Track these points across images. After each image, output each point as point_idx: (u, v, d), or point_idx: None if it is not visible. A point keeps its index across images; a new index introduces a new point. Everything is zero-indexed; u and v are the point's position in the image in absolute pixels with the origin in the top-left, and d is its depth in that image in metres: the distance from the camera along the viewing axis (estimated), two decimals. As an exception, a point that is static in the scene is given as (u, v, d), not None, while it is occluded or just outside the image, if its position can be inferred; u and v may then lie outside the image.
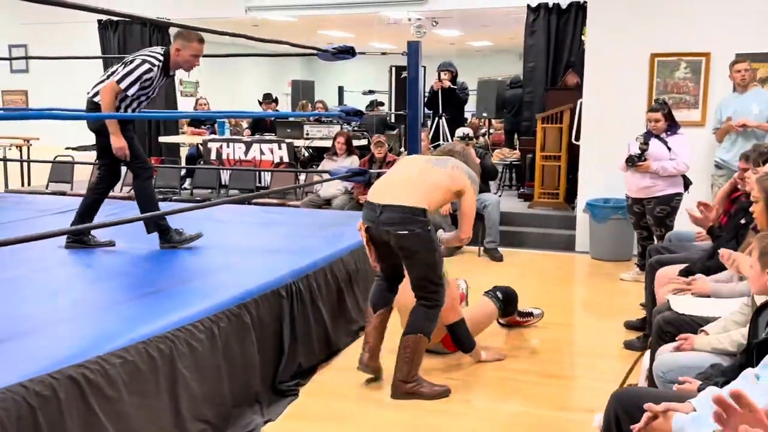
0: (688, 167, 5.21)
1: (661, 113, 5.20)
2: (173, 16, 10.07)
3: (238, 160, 8.47)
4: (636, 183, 5.28)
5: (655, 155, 5.19)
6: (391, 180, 3.55)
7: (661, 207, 5.19)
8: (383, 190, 3.47)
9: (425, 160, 3.67)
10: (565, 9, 8.41)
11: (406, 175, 3.51)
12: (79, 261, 3.90)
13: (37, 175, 8.91)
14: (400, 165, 3.78)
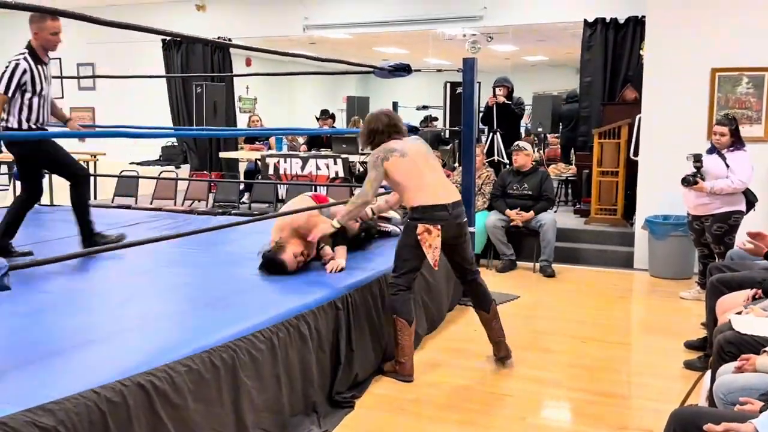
0: (745, 185, 5.10)
1: (728, 128, 5.11)
2: (234, 35, 10.43)
3: (294, 174, 8.62)
4: (693, 200, 5.24)
5: (712, 173, 5.12)
6: (437, 180, 3.90)
7: (719, 225, 5.11)
8: (440, 190, 3.84)
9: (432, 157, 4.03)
10: (623, 23, 8.33)
11: (439, 173, 3.97)
12: (144, 273, 4.05)
13: (103, 189, 9.24)
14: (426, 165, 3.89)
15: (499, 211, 6.75)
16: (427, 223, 3.72)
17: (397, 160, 3.77)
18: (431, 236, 3.73)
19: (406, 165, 3.78)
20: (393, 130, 3.90)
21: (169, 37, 10.63)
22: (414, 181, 3.78)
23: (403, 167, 3.77)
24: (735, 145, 5.12)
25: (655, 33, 6.57)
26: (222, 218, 6.49)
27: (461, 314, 5.15)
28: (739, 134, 5.20)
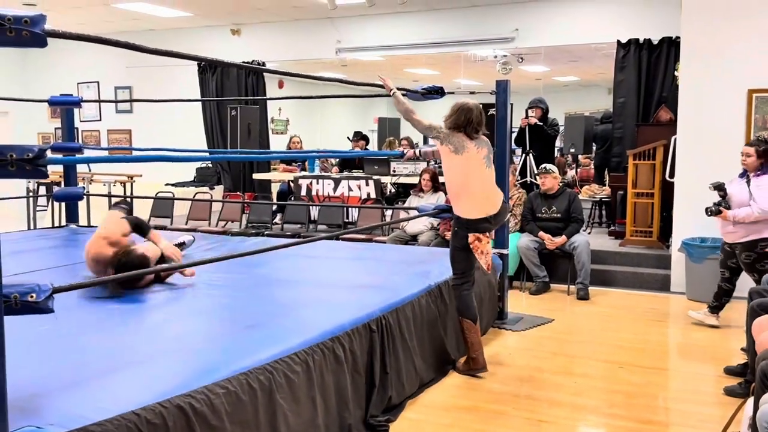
0: (766, 213, 4.84)
1: (754, 149, 4.94)
2: (267, 58, 10.59)
3: (327, 196, 8.68)
4: (722, 227, 5.15)
5: (736, 199, 4.99)
6: (482, 192, 4.20)
7: (747, 253, 4.96)
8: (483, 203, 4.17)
9: (487, 165, 4.23)
10: (657, 44, 8.29)
11: (487, 183, 4.24)
12: (181, 296, 4.09)
13: (139, 210, 9.40)
14: (476, 171, 4.18)
15: (531, 233, 6.71)
16: (474, 232, 4.13)
17: (447, 152, 4.14)
18: (482, 243, 4.15)
19: (457, 165, 4.14)
20: (470, 129, 4.18)
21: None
22: (463, 189, 4.15)
23: (452, 164, 4.15)
24: (763, 169, 4.93)
25: (690, 54, 6.52)
26: (256, 239, 6.55)
27: (495, 336, 5.11)
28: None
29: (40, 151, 2.21)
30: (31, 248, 5.24)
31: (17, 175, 2.16)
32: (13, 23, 2.11)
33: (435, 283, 4.41)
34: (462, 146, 4.14)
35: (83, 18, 10.43)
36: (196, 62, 10.86)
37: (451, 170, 4.18)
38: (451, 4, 9.39)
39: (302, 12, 9.93)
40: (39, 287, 2.19)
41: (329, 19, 10.09)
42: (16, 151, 2.14)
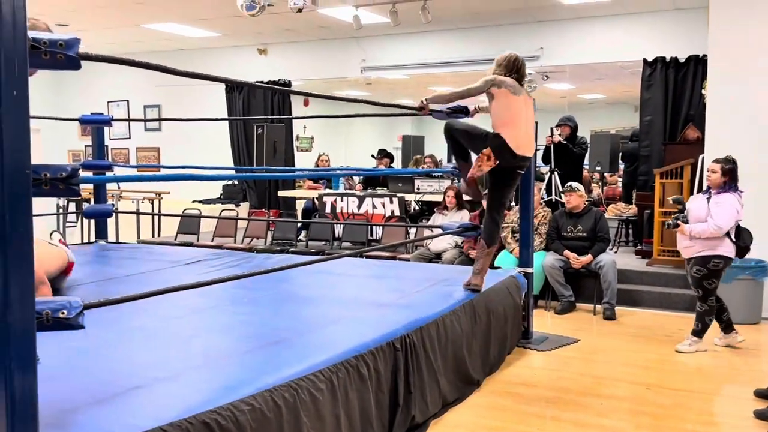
0: (721, 229, 4.93)
1: (720, 166, 5.01)
2: (293, 77, 10.71)
3: (351, 213, 8.72)
4: (680, 243, 5.21)
5: (694, 215, 5.07)
6: (528, 135, 4.49)
7: (698, 268, 5.05)
8: (525, 143, 4.43)
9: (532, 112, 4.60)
10: (684, 62, 8.24)
11: (530, 127, 4.56)
12: (207, 310, 4.14)
13: (167, 226, 9.53)
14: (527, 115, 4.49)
15: (556, 252, 6.67)
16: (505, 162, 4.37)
17: (507, 93, 4.32)
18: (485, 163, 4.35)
19: (514, 102, 4.35)
20: (520, 75, 4.47)
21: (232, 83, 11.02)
22: (512, 121, 4.35)
23: (510, 102, 4.34)
24: (726, 187, 4.99)
25: (717, 72, 6.48)
26: (281, 256, 6.60)
27: (520, 356, 5.08)
28: (735, 177, 5.04)
29: (73, 171, 2.26)
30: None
31: (51, 193, 2.21)
32: (48, 46, 2.17)
33: (459, 302, 4.40)
34: (518, 89, 4.40)
35: (114, 38, 10.65)
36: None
37: (508, 109, 4.34)
38: (476, 23, 9.43)
39: (328, 32, 10.04)
40: (70, 304, 2.22)
41: (354, 38, 10.19)
42: (50, 171, 2.19)
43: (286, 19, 8.87)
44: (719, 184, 5.01)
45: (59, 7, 8.51)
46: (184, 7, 8.68)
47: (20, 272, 1.91)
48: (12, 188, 1.88)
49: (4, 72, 1.86)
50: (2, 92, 1.86)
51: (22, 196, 1.91)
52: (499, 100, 4.35)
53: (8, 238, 1.87)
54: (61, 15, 8.99)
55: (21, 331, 1.95)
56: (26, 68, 1.95)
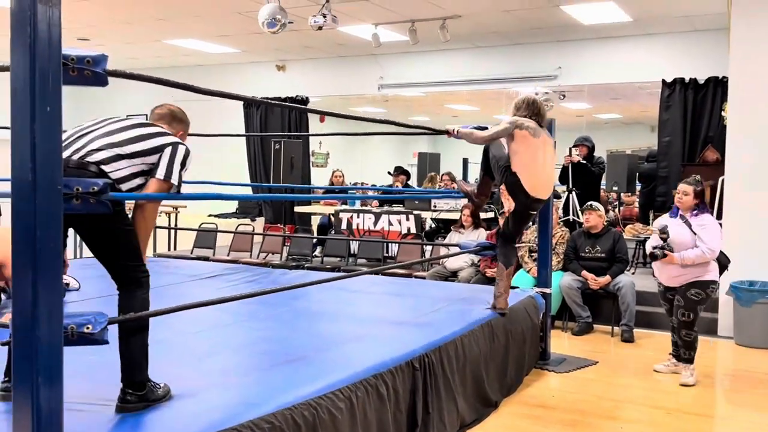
0: (716, 253, 4.79)
1: (693, 189, 4.84)
2: (311, 93, 10.78)
3: (367, 230, 8.72)
4: (667, 272, 4.94)
5: (678, 241, 4.80)
6: (549, 177, 4.60)
7: (697, 291, 4.82)
8: (546, 187, 4.55)
9: (553, 154, 4.65)
10: (703, 84, 8.21)
11: (552, 169, 4.66)
12: (224, 327, 4.13)
13: (183, 240, 9.56)
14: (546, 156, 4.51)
15: (574, 272, 6.62)
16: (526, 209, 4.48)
17: (527, 135, 4.35)
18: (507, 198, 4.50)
19: (533, 144, 4.38)
20: (540, 118, 4.54)
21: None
22: (530, 163, 4.39)
23: (528, 144, 4.36)
24: (699, 208, 4.85)
25: (738, 94, 6.44)
26: (297, 272, 6.61)
27: (538, 377, 5.03)
28: (704, 198, 4.96)
29: (104, 185, 2.28)
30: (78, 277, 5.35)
31: (82, 208, 2.23)
32: (76, 63, 2.18)
33: (477, 322, 4.37)
34: (538, 131, 4.44)
35: (135, 52, 10.77)
36: (241, 96, 11.12)
37: (527, 152, 4.37)
38: (494, 41, 9.46)
39: (346, 49, 10.10)
40: (95, 319, 2.23)
41: (372, 56, 10.25)
42: (83, 185, 2.21)
43: (306, 36, 8.95)
44: (691, 207, 4.84)
45: (81, 21, 8.63)
46: (205, 24, 8.77)
47: (49, 288, 1.92)
48: (44, 204, 1.89)
49: (39, 88, 1.88)
50: (36, 108, 1.88)
51: (54, 212, 1.93)
52: (518, 141, 4.38)
53: (38, 254, 1.88)
54: (83, 30, 9.12)
55: (48, 346, 1.95)
56: (60, 85, 1.97)
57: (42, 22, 1.90)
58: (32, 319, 1.91)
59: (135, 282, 2.88)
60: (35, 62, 1.88)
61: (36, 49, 1.88)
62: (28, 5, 1.88)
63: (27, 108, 1.87)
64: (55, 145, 1.92)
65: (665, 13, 7.74)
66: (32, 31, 1.87)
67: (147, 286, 2.91)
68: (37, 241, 1.88)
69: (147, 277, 2.93)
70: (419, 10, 7.81)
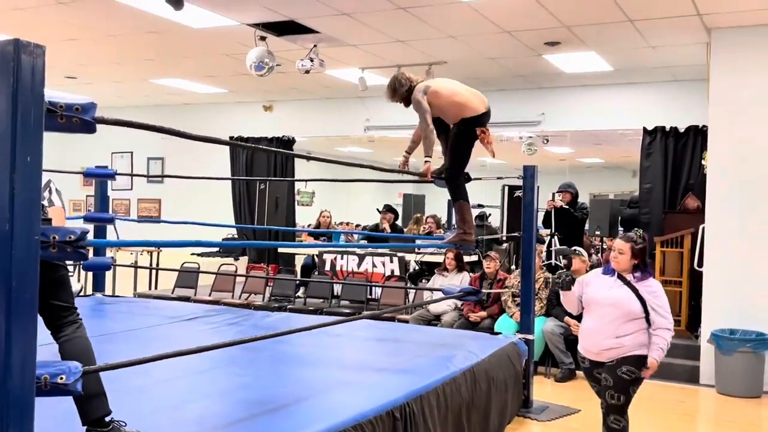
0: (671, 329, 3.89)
1: (630, 246, 3.92)
2: (297, 134, 10.84)
3: (351, 271, 8.69)
4: (595, 342, 3.99)
5: (621, 307, 3.88)
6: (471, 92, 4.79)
7: (629, 368, 3.86)
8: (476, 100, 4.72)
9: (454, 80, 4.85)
10: (683, 132, 8.35)
11: (466, 86, 4.84)
12: (202, 373, 4.06)
13: (165, 278, 9.47)
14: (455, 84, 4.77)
15: (556, 318, 6.62)
16: (480, 126, 4.60)
17: (435, 91, 4.56)
18: (488, 135, 4.65)
19: (445, 87, 4.62)
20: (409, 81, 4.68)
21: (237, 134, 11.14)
22: (456, 98, 4.59)
23: (441, 92, 4.58)
24: (641, 271, 3.93)
25: (717, 143, 6.55)
26: (280, 315, 6.55)
27: (520, 426, 4.98)
28: (645, 259, 3.98)
29: (82, 234, 2.26)
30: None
31: (58, 256, 2.20)
32: (64, 110, 2.18)
33: (460, 369, 4.33)
34: (431, 81, 4.70)
35: (122, 91, 10.80)
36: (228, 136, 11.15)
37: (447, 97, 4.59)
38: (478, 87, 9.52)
39: (333, 91, 10.19)
40: (69, 369, 2.20)
41: (359, 98, 10.33)
42: (59, 233, 2.19)
43: (293, 78, 9.02)
44: (628, 268, 3.93)
45: (70, 60, 8.66)
46: (193, 65, 8.84)
47: (24, 338, 1.88)
48: (20, 254, 1.87)
49: (20, 138, 1.88)
50: (17, 158, 1.87)
51: (30, 261, 1.90)
52: (440, 98, 4.58)
53: (13, 304, 1.85)
54: (71, 68, 9.14)
55: (20, 398, 1.92)
56: (41, 135, 1.96)
57: (25, 70, 1.90)
58: (4, 370, 1.87)
59: (73, 324, 2.85)
60: (17, 113, 1.87)
61: (18, 100, 1.87)
62: (12, 55, 1.88)
63: (7, 158, 1.86)
64: (35, 195, 1.91)
65: (646, 64, 7.90)
66: (15, 81, 1.87)
67: (84, 327, 2.86)
68: (12, 291, 1.85)
69: (81, 319, 2.89)
70: (406, 56, 7.92)
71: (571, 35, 6.84)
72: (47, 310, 2.71)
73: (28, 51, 1.90)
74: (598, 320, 3.97)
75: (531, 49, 7.43)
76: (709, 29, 6.47)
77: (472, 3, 6.05)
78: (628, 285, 3.92)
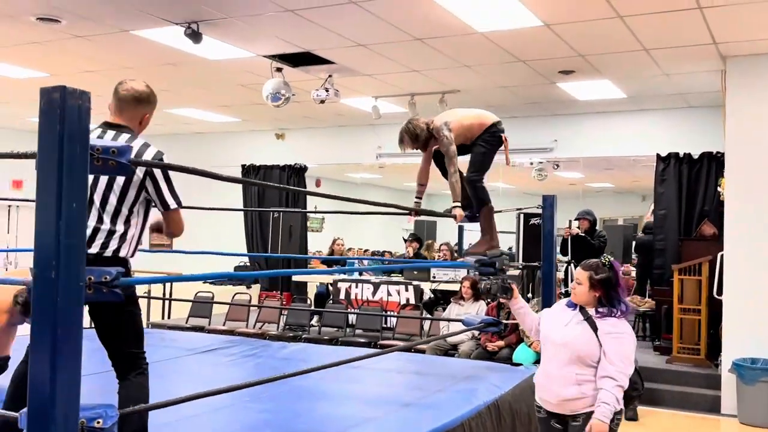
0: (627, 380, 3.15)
1: (588, 275, 3.26)
2: (309, 161, 10.87)
3: (365, 300, 8.66)
4: (554, 391, 3.29)
5: (578, 348, 3.20)
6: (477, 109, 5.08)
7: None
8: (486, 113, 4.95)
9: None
10: (697, 159, 8.34)
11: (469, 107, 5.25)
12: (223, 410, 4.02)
13: (178, 307, 9.45)
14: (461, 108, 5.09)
15: (576, 346, 6.55)
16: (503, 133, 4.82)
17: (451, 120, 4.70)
18: (507, 142, 4.84)
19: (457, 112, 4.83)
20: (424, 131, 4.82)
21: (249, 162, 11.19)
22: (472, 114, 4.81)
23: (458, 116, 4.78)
24: (605, 307, 3.23)
25: (734, 170, 6.53)
26: (296, 345, 6.51)
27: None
28: (614, 293, 3.23)
29: (116, 274, 2.26)
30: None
31: (95, 297, 2.20)
32: (101, 153, 2.20)
33: (484, 403, 4.29)
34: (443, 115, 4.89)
35: (136, 120, 10.87)
36: (240, 164, 11.20)
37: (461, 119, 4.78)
38: (491, 114, 9.62)
39: (346, 119, 10.25)
40: (106, 413, 2.18)
41: (371, 126, 10.38)
42: (95, 275, 2.19)
43: (306, 107, 9.08)
44: (589, 301, 3.27)
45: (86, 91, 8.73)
46: (208, 95, 8.91)
47: (69, 388, 1.87)
48: (65, 301, 1.86)
49: (65, 183, 1.88)
50: (62, 204, 1.87)
51: (75, 307, 1.90)
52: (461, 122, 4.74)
53: (58, 353, 1.84)
54: (87, 98, 9.22)
55: (61, 446, 1.90)
56: (86, 179, 1.97)
57: (71, 117, 1.90)
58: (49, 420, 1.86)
59: (136, 369, 2.86)
60: (63, 159, 1.87)
61: (64, 147, 1.88)
62: (58, 102, 1.89)
63: (53, 204, 1.86)
64: (80, 242, 1.91)
65: (660, 91, 7.92)
66: (61, 128, 1.88)
67: (147, 374, 2.88)
68: (57, 339, 1.84)
69: (147, 365, 2.90)
70: (420, 84, 7.97)
71: (586, 64, 6.87)
72: (113, 356, 2.75)
73: (74, 97, 1.92)
74: (555, 363, 3.29)
75: (545, 77, 7.46)
76: (725, 57, 6.49)
77: (487, 33, 6.09)
78: (589, 322, 3.24)
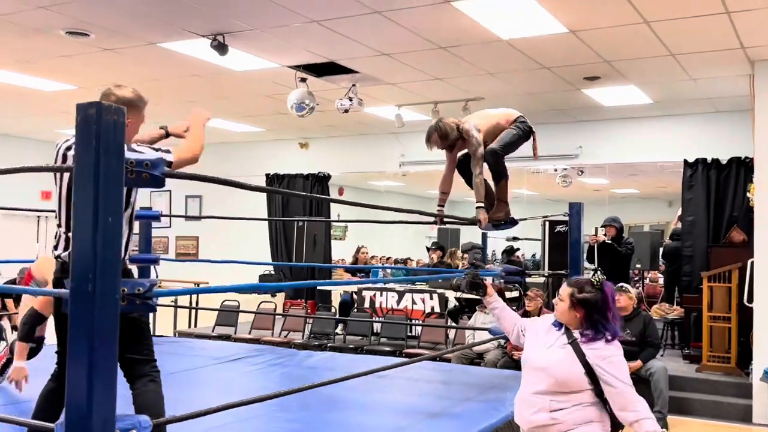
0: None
1: (570, 293, 2.86)
2: (333, 170, 10.92)
3: (390, 308, 8.65)
4: (528, 413, 2.87)
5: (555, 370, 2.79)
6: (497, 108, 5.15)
7: None
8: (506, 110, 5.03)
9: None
10: (726, 164, 8.23)
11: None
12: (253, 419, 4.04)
13: (204, 316, 9.52)
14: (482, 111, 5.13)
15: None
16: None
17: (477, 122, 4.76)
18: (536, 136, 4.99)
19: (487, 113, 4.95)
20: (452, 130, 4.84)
21: (273, 171, 11.26)
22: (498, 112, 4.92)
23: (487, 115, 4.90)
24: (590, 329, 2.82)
25: (764, 175, 6.44)
26: (322, 354, 6.53)
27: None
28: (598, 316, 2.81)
29: (150, 285, 2.29)
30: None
31: (128, 309, 2.23)
32: (135, 166, 2.24)
33: (512, 413, 4.25)
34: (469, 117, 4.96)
35: (161, 131, 10.99)
36: (264, 173, 11.28)
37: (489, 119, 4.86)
38: (515, 121, 9.58)
39: (368, 128, 10.28)
40: (140, 423, 2.20)
41: (394, 134, 10.40)
42: (128, 286, 2.22)
43: (329, 116, 9.12)
44: (570, 322, 2.87)
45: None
46: (233, 106, 8.99)
47: (105, 399, 1.89)
48: (101, 314, 1.89)
49: (102, 198, 1.90)
50: (99, 218, 1.90)
51: (111, 321, 1.92)
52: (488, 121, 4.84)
53: (95, 365, 1.86)
54: (114, 110, 9.35)
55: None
56: (121, 193, 2.00)
57: (107, 133, 1.93)
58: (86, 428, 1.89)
59: (146, 376, 2.88)
60: (99, 175, 1.90)
61: (100, 162, 1.91)
62: (94, 118, 1.92)
63: (90, 218, 1.89)
64: (116, 256, 1.94)
65: (686, 96, 7.84)
66: (97, 144, 1.91)
67: (158, 381, 2.89)
68: (94, 352, 1.87)
69: (157, 372, 2.92)
70: (443, 92, 7.97)
71: (612, 70, 6.83)
72: (122, 363, 2.76)
73: (109, 113, 1.95)
74: (529, 386, 2.88)
75: (570, 83, 7.42)
76: (753, 61, 6.41)
77: (511, 41, 6.08)
78: (573, 346, 2.82)
